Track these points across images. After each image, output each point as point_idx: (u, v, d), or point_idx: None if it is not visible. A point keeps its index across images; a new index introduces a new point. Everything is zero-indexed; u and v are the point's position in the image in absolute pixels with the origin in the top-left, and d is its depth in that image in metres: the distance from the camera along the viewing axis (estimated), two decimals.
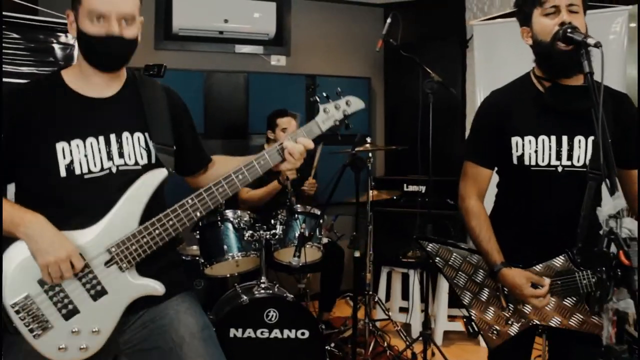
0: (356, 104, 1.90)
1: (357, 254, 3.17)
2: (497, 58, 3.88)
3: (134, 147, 1.76)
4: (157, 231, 1.68)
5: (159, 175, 1.75)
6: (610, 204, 1.30)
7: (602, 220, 1.31)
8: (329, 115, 1.84)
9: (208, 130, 4.82)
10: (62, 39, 3.36)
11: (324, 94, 1.88)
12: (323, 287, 4.10)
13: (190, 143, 1.97)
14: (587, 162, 1.90)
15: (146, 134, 1.78)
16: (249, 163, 1.74)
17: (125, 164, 1.74)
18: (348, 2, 5.27)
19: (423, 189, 4.51)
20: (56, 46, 3.35)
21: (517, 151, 1.96)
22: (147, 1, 4.63)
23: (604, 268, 1.27)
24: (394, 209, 4.51)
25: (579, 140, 1.92)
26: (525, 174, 1.96)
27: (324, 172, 4.95)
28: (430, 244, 2.14)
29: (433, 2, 5.15)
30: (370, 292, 3.97)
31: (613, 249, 1.29)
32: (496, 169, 2.10)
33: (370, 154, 3.66)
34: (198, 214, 1.71)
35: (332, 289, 4.08)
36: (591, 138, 1.90)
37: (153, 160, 1.78)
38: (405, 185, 4.67)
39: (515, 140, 1.96)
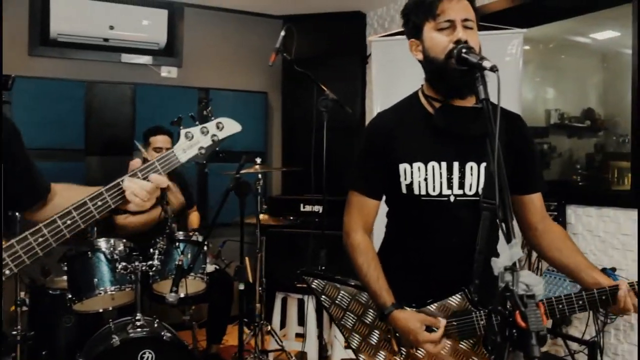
0: (230, 127, 1.55)
1: (241, 286, 2.89)
2: (395, 75, 3.77)
3: None
4: None
5: None
6: (506, 253, 1.12)
7: (496, 273, 1.14)
8: (192, 141, 1.49)
9: (88, 146, 4.42)
10: None
11: (190, 114, 1.53)
12: (210, 317, 3.79)
13: (20, 173, 1.61)
14: (480, 190, 1.75)
15: None
16: (81, 204, 1.39)
17: None
18: (245, 13, 5.02)
19: (320, 209, 4.32)
20: None
21: (405, 179, 1.78)
22: (21, 1, 4.17)
23: (498, 327, 1.09)
24: (289, 230, 4.26)
25: (471, 167, 1.76)
26: (416, 204, 1.79)
27: (215, 190, 4.67)
28: (316, 281, 1.92)
29: (335, 16, 4.99)
30: (262, 322, 3.70)
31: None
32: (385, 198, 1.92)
33: (259, 175, 3.41)
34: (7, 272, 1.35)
35: (221, 319, 3.78)
36: (484, 165, 1.76)
37: None
38: (302, 205, 4.46)
39: (403, 167, 1.78)
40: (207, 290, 3.22)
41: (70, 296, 2.91)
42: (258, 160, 3.46)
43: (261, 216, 3.79)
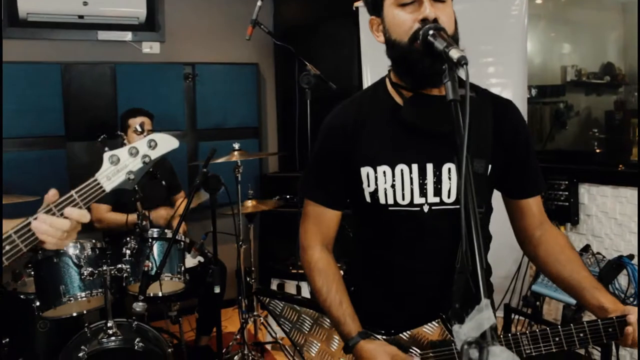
0: (165, 144, 1.29)
1: (217, 289, 2.66)
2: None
3: None
4: None
5: None
6: (473, 320, 0.84)
7: (459, 347, 0.86)
8: (118, 166, 1.24)
9: (69, 132, 4.18)
10: None
11: (119, 132, 1.36)
12: (200, 308, 3.58)
13: None
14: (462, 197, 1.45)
15: None
16: None
17: None
18: None
19: None
20: None
21: (369, 186, 1.48)
22: None
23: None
24: (283, 210, 3.98)
25: (449, 169, 1.45)
26: (382, 215, 1.49)
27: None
28: (273, 302, 1.66)
29: None
30: (255, 313, 3.49)
31: None
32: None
33: (239, 162, 3.13)
34: None
35: (211, 310, 3.56)
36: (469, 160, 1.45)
37: None
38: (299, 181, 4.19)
39: (365, 171, 1.48)
40: (191, 286, 3.02)
41: (38, 304, 2.72)
42: (236, 146, 3.18)
43: (250, 202, 3.54)
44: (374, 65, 3.59)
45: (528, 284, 2.90)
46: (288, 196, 4.25)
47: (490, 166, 1.46)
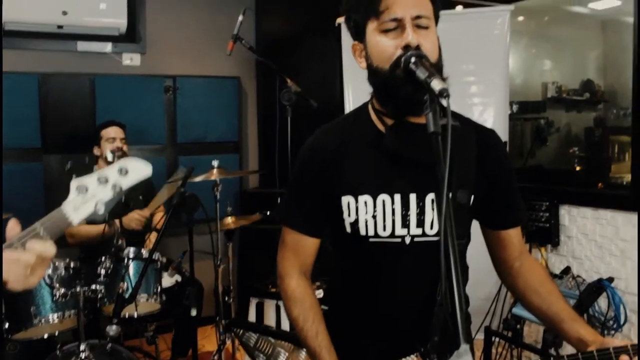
0: (137, 171, 1.20)
1: (193, 312, 2.61)
2: None
3: None
4: None
5: None
6: None
7: None
8: (86, 196, 1.15)
9: (46, 144, 4.10)
10: None
11: (87, 159, 1.26)
12: (177, 328, 3.51)
13: None
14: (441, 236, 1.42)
15: None
16: None
17: None
18: None
19: None
20: None
21: (349, 216, 1.44)
22: None
23: None
24: (263, 226, 3.94)
25: (432, 200, 1.41)
26: (363, 247, 1.45)
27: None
28: (247, 334, 1.61)
29: None
30: (235, 329, 3.41)
31: None
32: None
33: (218, 180, 3.09)
34: None
35: (187, 331, 3.49)
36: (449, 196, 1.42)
37: None
38: (279, 198, 4.14)
39: (346, 200, 1.44)
40: (168, 306, 2.96)
41: (7, 326, 2.63)
42: (215, 163, 3.13)
43: (230, 218, 3.49)
44: (356, 82, 3.57)
45: (509, 307, 2.89)
46: (269, 212, 4.19)
47: (473, 196, 1.44)
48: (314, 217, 1.51)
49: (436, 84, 1.16)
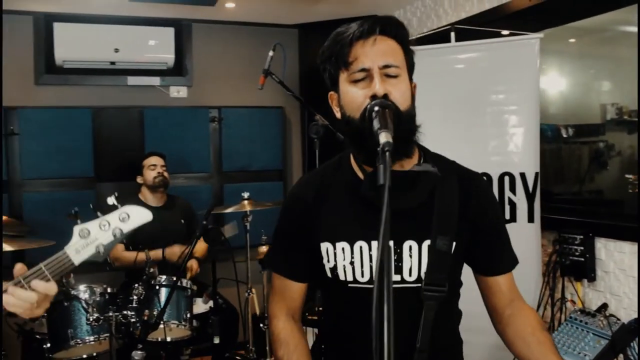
0: (138, 216, 1.31)
1: (216, 340, 2.68)
2: None
3: None
4: None
5: None
6: None
7: None
8: (88, 240, 1.27)
9: (98, 173, 4.33)
10: None
11: (91, 206, 1.35)
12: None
13: None
14: (423, 275, 1.41)
15: None
16: None
17: None
18: (255, 24, 4.76)
19: None
20: None
21: (328, 261, 1.45)
22: (26, 30, 4.13)
23: None
24: None
25: (410, 247, 1.40)
26: (343, 291, 1.46)
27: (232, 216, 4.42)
28: None
29: (350, 22, 4.63)
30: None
31: None
32: None
33: (248, 212, 3.16)
34: None
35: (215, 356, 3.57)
36: (427, 242, 1.40)
37: None
38: None
39: (325, 246, 1.45)
40: (203, 331, 3.05)
41: (48, 345, 2.79)
42: (245, 195, 3.21)
43: (265, 247, 3.55)
44: None
45: None
46: None
47: (454, 243, 1.42)
48: (298, 263, 1.54)
49: (382, 137, 1.16)
